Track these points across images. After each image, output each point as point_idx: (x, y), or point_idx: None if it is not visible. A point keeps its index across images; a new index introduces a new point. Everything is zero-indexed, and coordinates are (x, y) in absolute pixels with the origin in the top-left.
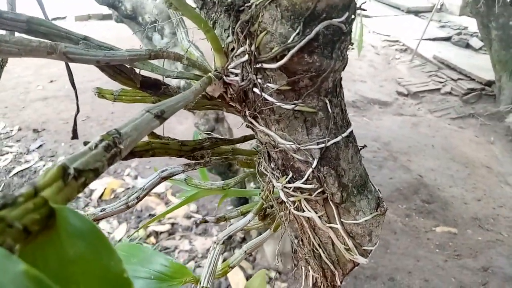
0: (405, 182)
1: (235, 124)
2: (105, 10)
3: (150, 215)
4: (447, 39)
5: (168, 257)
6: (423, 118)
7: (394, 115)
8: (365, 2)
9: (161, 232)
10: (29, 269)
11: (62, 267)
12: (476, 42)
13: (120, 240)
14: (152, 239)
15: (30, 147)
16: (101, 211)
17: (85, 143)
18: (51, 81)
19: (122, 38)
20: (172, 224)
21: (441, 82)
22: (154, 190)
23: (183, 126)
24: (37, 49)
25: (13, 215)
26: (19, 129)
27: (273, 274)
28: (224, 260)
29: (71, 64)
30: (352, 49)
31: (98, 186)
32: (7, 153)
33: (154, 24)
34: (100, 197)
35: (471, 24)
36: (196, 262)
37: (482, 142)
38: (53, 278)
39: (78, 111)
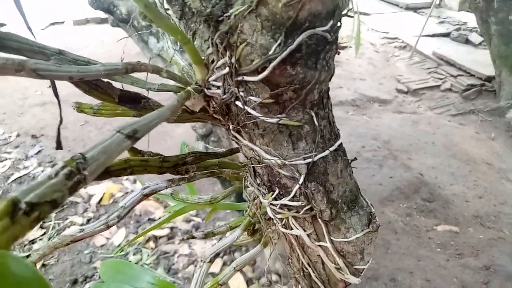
0: (406, 180)
1: None
2: (103, 14)
3: (149, 219)
4: (446, 35)
5: (155, 274)
6: (423, 116)
7: (394, 113)
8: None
9: (160, 237)
10: None
11: None
12: (475, 38)
13: (119, 245)
14: (151, 243)
15: (28, 153)
16: (79, 231)
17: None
18: (50, 86)
19: (120, 42)
20: (171, 228)
21: (441, 79)
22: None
23: (180, 129)
24: (4, 67)
25: None
26: (18, 135)
27: (274, 277)
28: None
29: None
30: (350, 47)
31: (96, 191)
32: (6, 159)
33: (149, 27)
34: (99, 202)
35: (470, 19)
36: (195, 266)
37: (483, 139)
38: None
39: (61, 121)
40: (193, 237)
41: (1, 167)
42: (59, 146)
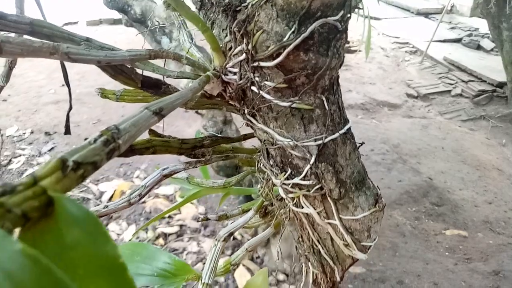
0: (415, 184)
1: (244, 127)
2: (116, 15)
3: None
4: (458, 40)
5: (171, 255)
6: (433, 120)
7: (403, 117)
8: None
9: (170, 234)
10: (26, 248)
11: (61, 252)
12: (487, 44)
13: (129, 241)
14: (160, 240)
15: (42, 149)
16: (104, 207)
17: (86, 139)
18: (63, 85)
19: (133, 42)
20: (181, 226)
21: (452, 84)
22: (163, 192)
23: (192, 128)
24: (40, 50)
25: (12, 201)
26: (32, 132)
27: (281, 276)
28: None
29: (82, 68)
30: (360, 51)
31: (108, 188)
32: (20, 155)
33: (163, 27)
34: (110, 199)
35: (482, 25)
36: (204, 263)
37: (494, 145)
38: (52, 263)
39: (70, 107)
40: (208, 219)
41: (16, 163)
42: (67, 131)
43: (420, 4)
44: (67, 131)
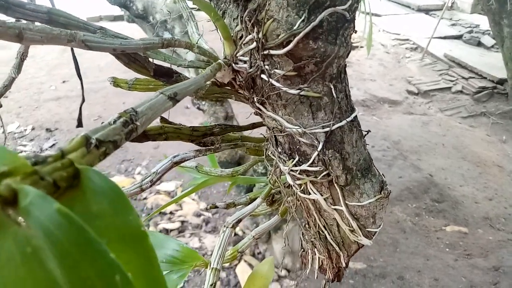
0: (415, 181)
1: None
2: (116, 12)
3: (161, 213)
4: (458, 37)
5: (180, 242)
6: (434, 117)
7: (404, 114)
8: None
9: (171, 230)
10: (61, 207)
11: (87, 221)
12: (488, 40)
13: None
14: None
15: (43, 146)
16: None
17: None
18: (64, 82)
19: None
20: (182, 222)
21: (452, 81)
22: (165, 189)
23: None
24: (58, 37)
25: (44, 170)
26: (33, 129)
27: (282, 272)
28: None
29: (83, 65)
30: (361, 47)
31: None
32: (21, 152)
33: (164, 23)
34: None
35: (483, 22)
36: (206, 258)
37: (494, 141)
38: None
39: (83, 100)
40: (216, 207)
41: None
42: (80, 124)
43: (420, 1)
44: (80, 124)
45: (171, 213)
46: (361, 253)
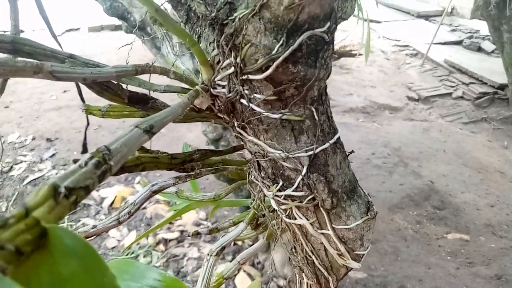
0: (416, 188)
1: None
2: (117, 21)
3: None
4: (458, 42)
5: (161, 271)
6: (434, 123)
7: (404, 120)
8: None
9: (170, 240)
10: None
11: (56, 286)
12: (488, 46)
13: (129, 247)
14: (161, 246)
15: (43, 156)
16: (92, 227)
17: (75, 161)
18: (64, 91)
19: (134, 48)
20: (181, 231)
21: (453, 87)
22: (164, 198)
23: (193, 133)
24: (23, 69)
25: (5, 237)
26: (33, 138)
27: (281, 282)
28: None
29: None
30: (361, 54)
31: (109, 194)
32: (21, 161)
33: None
34: (111, 205)
35: (483, 27)
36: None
37: (495, 147)
38: None
39: (88, 123)
40: (198, 233)
41: (17, 169)
42: (85, 149)
43: (420, 7)
44: (85, 149)
45: (170, 222)
46: (361, 262)
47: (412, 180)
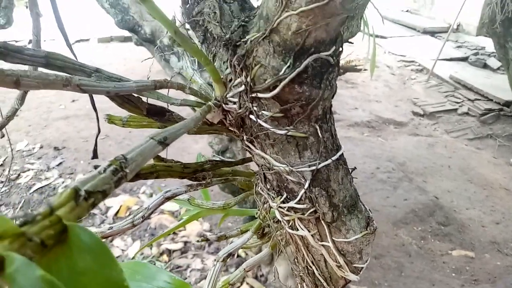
0: (421, 203)
1: None
2: (127, 33)
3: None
4: (464, 59)
5: (171, 274)
6: (440, 139)
7: (409, 135)
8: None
9: (174, 250)
10: (45, 274)
11: (73, 277)
12: (494, 62)
13: (133, 258)
14: (165, 257)
15: (50, 164)
16: (108, 229)
17: (95, 167)
18: (73, 101)
19: (142, 59)
20: (185, 242)
21: (458, 103)
22: (168, 209)
23: (198, 145)
24: (54, 82)
25: (32, 230)
26: (41, 147)
27: None
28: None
29: None
30: (366, 69)
31: (114, 203)
32: (28, 170)
33: (171, 47)
34: (116, 214)
35: (489, 44)
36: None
37: (501, 164)
38: (65, 286)
39: (99, 131)
40: (207, 240)
41: (24, 177)
42: (95, 155)
43: (426, 23)
44: (95, 155)
45: (174, 233)
46: (365, 277)
47: (416, 196)
